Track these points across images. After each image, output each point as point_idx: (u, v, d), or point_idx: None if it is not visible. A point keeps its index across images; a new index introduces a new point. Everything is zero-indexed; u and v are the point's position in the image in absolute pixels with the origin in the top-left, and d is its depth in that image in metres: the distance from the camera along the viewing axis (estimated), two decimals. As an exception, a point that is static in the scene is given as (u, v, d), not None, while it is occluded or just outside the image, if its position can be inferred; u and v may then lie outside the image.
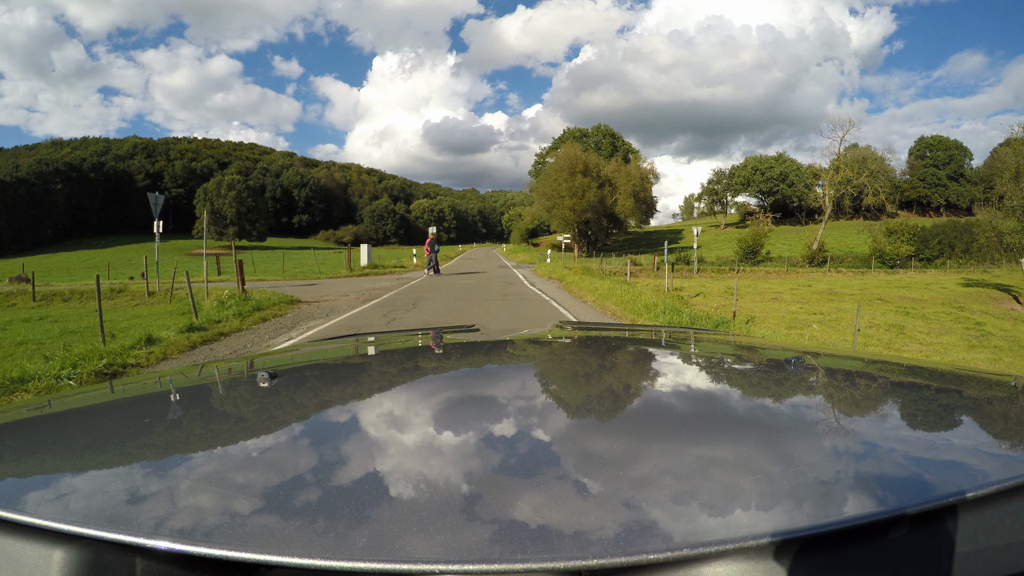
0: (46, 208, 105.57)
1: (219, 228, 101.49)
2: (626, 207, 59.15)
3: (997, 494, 0.61)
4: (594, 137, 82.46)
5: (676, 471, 0.70)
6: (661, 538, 0.53)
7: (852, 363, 1.57)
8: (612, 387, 1.25)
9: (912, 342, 12.94)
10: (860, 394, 1.19)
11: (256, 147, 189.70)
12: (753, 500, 0.60)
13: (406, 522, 0.56)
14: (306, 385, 1.25)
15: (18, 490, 0.68)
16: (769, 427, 0.89)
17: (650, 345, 1.88)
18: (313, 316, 11.59)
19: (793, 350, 1.59)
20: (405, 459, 0.75)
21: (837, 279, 36.33)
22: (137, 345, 8.05)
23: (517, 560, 0.50)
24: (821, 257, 46.92)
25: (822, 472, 0.69)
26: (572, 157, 55.68)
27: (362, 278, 24.15)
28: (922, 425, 0.95)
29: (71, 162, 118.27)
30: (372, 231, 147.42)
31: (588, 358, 1.59)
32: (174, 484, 0.67)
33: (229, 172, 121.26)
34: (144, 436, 0.90)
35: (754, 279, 34.23)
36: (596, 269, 27.26)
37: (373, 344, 2.02)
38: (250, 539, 0.53)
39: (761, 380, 1.30)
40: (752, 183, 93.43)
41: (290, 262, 36.66)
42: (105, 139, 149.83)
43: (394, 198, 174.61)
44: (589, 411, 1.01)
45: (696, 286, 25.58)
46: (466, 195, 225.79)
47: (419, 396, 1.12)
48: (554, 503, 0.60)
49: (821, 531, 0.53)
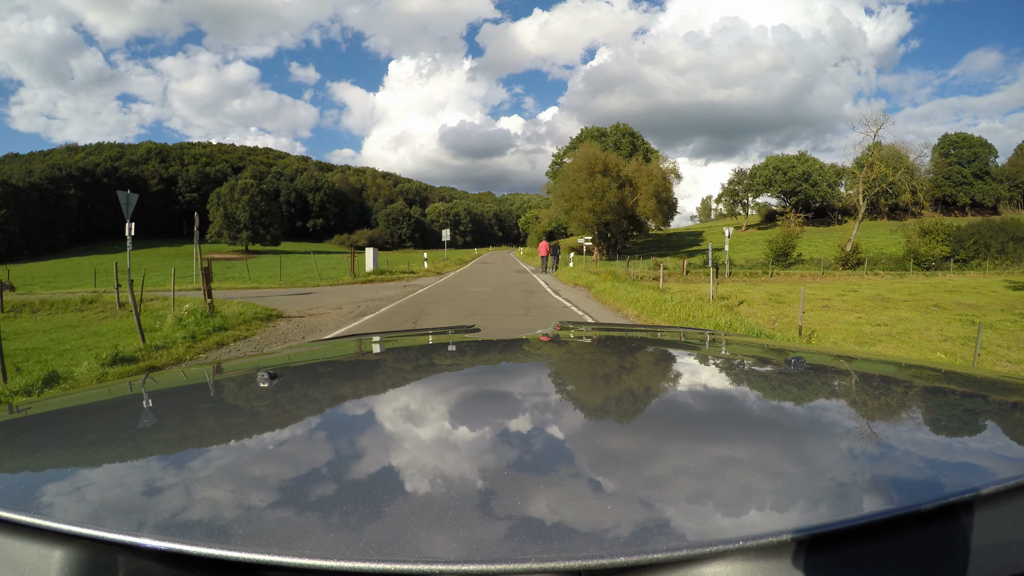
0: (59, 213, 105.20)
1: (232, 232, 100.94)
2: (647, 208, 56.61)
3: (1006, 492, 0.61)
4: (613, 136, 79.63)
5: (678, 470, 0.70)
6: (665, 537, 0.53)
7: (855, 363, 1.53)
8: (611, 386, 1.25)
9: (998, 359, 10.67)
10: (864, 393, 1.18)
11: (271, 151, 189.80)
12: (758, 499, 0.61)
13: (405, 522, 0.56)
14: (306, 385, 1.26)
15: (18, 490, 0.68)
16: (771, 426, 0.89)
17: (649, 344, 1.88)
18: (286, 337, 9.46)
19: (793, 349, 1.64)
20: (405, 459, 0.75)
21: (879, 282, 33.78)
22: (34, 387, 5.98)
23: (516, 560, 0.50)
24: (855, 259, 44.04)
25: (824, 471, 0.69)
26: (591, 156, 53.29)
27: (366, 285, 21.96)
28: (930, 425, 0.95)
29: (84, 167, 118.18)
30: (387, 235, 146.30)
31: (588, 357, 1.61)
32: (174, 484, 0.67)
33: (243, 176, 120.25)
34: (144, 436, 0.90)
35: (790, 283, 31.73)
36: (623, 274, 24.86)
37: (372, 344, 2.03)
38: (250, 539, 0.53)
39: (762, 379, 1.31)
40: (774, 183, 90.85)
41: (297, 267, 34.62)
42: (119, 144, 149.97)
43: (409, 202, 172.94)
44: (588, 410, 1.01)
45: (735, 292, 23.21)
46: (482, 198, 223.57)
47: (419, 396, 1.13)
48: (552, 503, 0.60)
49: (820, 531, 0.53)
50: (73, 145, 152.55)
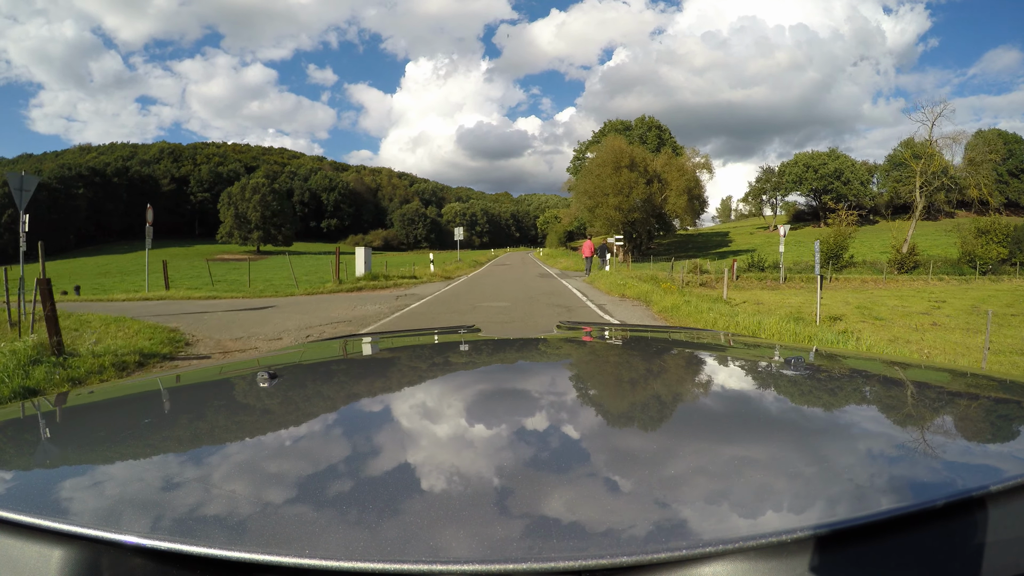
0: (68, 213, 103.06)
1: (243, 232, 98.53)
2: (678, 206, 52.17)
3: (1008, 491, 0.61)
4: (638, 130, 74.48)
5: (682, 470, 0.70)
6: (667, 537, 0.53)
7: (857, 363, 1.54)
8: (619, 386, 1.26)
9: None
10: (868, 393, 1.19)
11: (286, 151, 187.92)
12: (762, 500, 0.61)
13: (405, 522, 0.56)
14: (306, 385, 1.27)
15: (18, 490, 0.68)
16: (777, 427, 0.90)
17: (659, 344, 1.89)
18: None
19: (791, 348, 1.65)
20: (408, 459, 0.75)
21: (953, 289, 29.29)
22: None
23: (516, 560, 0.50)
24: (912, 262, 39.27)
25: (824, 471, 0.70)
26: (617, 150, 49.02)
27: (350, 295, 17.42)
28: (936, 425, 0.95)
29: (95, 167, 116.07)
30: (402, 236, 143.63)
31: (596, 357, 1.63)
32: (174, 484, 0.67)
33: (256, 176, 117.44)
34: (144, 436, 0.90)
35: (854, 289, 27.36)
36: (667, 278, 20.64)
37: (372, 344, 2.05)
38: (250, 539, 0.54)
39: (770, 379, 1.30)
40: (804, 180, 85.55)
41: (301, 269, 30.39)
42: (132, 144, 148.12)
43: (425, 202, 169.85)
44: (595, 410, 1.01)
45: (806, 303, 19.02)
46: (499, 199, 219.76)
47: (418, 396, 1.14)
48: (552, 503, 0.60)
49: (819, 532, 0.53)
50: (87, 146, 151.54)
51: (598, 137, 71.00)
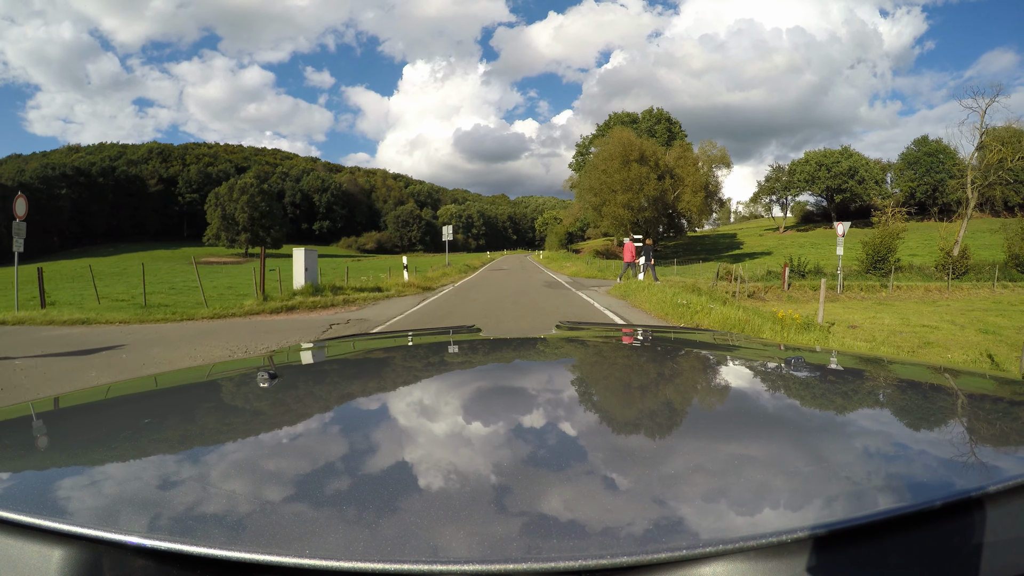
0: (50, 214, 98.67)
1: (231, 235, 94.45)
2: (693, 203, 48.28)
3: (1008, 491, 0.61)
4: (645, 122, 70.29)
5: (682, 470, 0.70)
6: (667, 537, 0.53)
7: (858, 363, 1.55)
8: (618, 385, 1.27)
9: None
10: (862, 392, 1.20)
11: (279, 152, 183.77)
12: (761, 499, 0.61)
13: (405, 522, 0.56)
14: (306, 385, 1.27)
15: (18, 490, 0.68)
16: (778, 426, 0.90)
17: (659, 344, 1.89)
18: None
19: (790, 348, 1.65)
20: (406, 457, 0.76)
21: (1016, 295, 25.55)
22: None
23: (516, 560, 0.50)
24: (964, 266, 35.27)
25: (823, 471, 0.70)
26: (625, 142, 45.08)
27: (271, 318, 12.16)
28: (935, 425, 0.95)
29: (79, 166, 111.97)
30: (396, 238, 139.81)
31: (596, 357, 1.63)
32: (174, 484, 0.67)
33: (245, 176, 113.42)
34: (144, 436, 0.90)
35: (927, 302, 23.30)
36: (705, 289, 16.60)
37: (371, 344, 2.04)
38: (250, 538, 0.54)
39: (768, 379, 1.30)
40: (816, 180, 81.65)
41: (256, 276, 25.15)
42: (121, 144, 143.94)
43: (421, 204, 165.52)
44: (593, 410, 1.02)
45: (908, 320, 15.07)
46: (496, 201, 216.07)
47: (419, 395, 1.14)
48: (551, 502, 0.60)
49: (819, 531, 0.53)
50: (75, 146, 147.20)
51: (603, 130, 66.87)
